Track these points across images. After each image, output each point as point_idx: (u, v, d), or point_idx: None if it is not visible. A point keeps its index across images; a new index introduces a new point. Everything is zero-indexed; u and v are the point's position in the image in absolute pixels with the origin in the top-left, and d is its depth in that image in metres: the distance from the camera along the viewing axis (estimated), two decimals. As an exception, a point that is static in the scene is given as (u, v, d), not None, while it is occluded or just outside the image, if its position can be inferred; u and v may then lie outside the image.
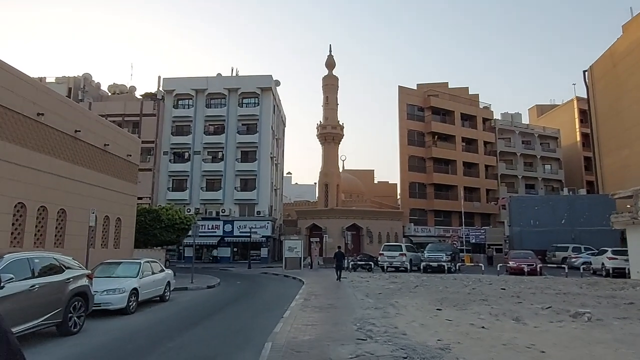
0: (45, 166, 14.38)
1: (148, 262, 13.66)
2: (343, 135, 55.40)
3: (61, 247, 15.19)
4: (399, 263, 27.94)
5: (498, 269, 25.87)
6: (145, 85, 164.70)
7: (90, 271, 9.62)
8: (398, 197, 62.22)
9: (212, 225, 45.42)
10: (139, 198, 45.93)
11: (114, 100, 52.11)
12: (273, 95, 49.98)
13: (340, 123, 54.85)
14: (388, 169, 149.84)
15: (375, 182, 72.61)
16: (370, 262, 29.63)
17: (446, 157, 53.67)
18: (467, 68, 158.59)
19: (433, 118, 54.38)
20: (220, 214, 46.01)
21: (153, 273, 13.32)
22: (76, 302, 8.80)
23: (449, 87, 59.02)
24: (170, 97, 49.28)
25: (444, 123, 54.72)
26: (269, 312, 11.97)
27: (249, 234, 39.85)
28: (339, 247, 24.88)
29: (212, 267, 36.10)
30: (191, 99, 49.18)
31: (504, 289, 17.55)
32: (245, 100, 48.88)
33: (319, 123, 55.16)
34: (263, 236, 43.61)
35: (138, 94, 55.20)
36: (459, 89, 58.94)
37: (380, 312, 10.88)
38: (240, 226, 44.57)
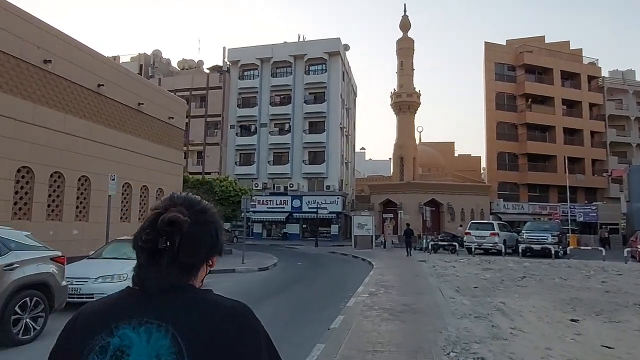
0: (58, 124, 12.06)
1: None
2: (420, 103, 51.04)
3: (85, 220, 13.02)
4: (490, 245, 23.43)
5: (625, 254, 20.29)
6: (214, 58, 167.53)
7: (59, 252, 6.85)
8: (482, 170, 55.99)
9: (280, 201, 43.32)
10: (207, 173, 45.88)
11: (182, 75, 51.73)
12: (342, 60, 46.03)
13: (417, 90, 50.72)
14: (470, 141, 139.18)
15: (456, 155, 66.36)
16: (454, 243, 25.27)
17: (542, 123, 46.21)
18: (565, 20, 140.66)
19: (527, 78, 46.92)
20: (289, 188, 43.67)
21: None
22: (27, 298, 6.09)
23: (546, 42, 50.80)
24: (236, 68, 47.38)
25: (540, 83, 47.01)
26: (316, 313, 8.58)
27: (317, 210, 37.04)
28: (408, 224, 26.59)
29: (279, 245, 34.20)
30: (256, 69, 46.88)
31: (651, 284, 12.68)
32: (312, 67, 45.45)
33: (392, 91, 51.27)
34: (331, 212, 40.53)
35: (206, 67, 54.31)
36: (558, 44, 50.53)
37: (484, 324, 6.99)
38: (309, 201, 41.85)
